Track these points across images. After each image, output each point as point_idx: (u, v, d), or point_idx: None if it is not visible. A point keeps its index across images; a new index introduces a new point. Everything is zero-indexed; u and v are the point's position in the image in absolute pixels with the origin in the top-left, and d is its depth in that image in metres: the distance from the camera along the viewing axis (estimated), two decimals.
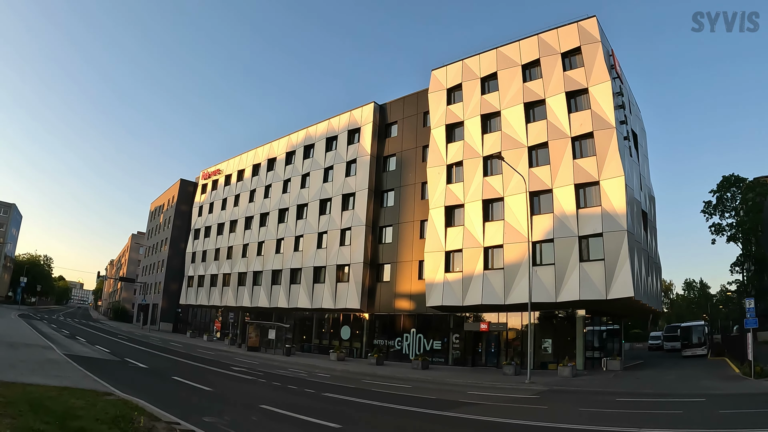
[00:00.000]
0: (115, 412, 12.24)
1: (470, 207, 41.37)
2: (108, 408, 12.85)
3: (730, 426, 15.82)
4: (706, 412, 19.15)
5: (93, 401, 13.68)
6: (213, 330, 71.89)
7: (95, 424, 10.78)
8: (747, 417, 17.69)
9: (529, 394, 25.31)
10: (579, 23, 39.36)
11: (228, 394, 20.91)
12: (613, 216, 34.54)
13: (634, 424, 15.92)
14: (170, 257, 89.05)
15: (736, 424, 15.99)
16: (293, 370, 33.89)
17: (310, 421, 15.16)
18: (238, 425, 13.72)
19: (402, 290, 47.03)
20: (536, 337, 38.91)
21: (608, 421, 16.98)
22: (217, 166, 79.46)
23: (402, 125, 51.91)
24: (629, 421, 16.59)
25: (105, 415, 11.77)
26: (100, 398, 14.46)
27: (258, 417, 15.64)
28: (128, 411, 12.64)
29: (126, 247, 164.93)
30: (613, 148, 35.64)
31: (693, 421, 16.97)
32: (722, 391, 25.41)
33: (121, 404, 13.70)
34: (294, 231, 58.75)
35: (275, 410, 16.78)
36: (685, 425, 15.86)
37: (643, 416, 18.14)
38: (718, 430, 15.36)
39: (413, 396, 23.15)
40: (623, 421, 16.80)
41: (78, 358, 27.51)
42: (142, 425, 11.25)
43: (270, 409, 16.93)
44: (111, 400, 14.47)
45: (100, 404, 13.34)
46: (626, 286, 33.16)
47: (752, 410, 19.22)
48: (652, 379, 32.40)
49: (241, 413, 16.24)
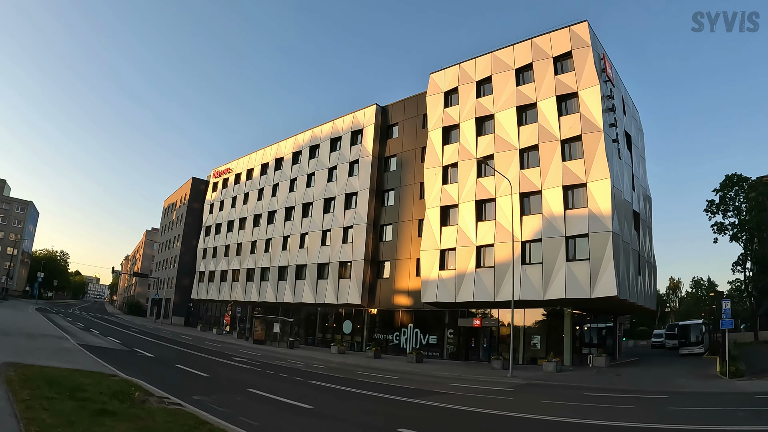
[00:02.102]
0: (117, 388, 14.88)
1: (464, 207, 43.42)
2: (111, 385, 15.51)
3: (668, 421, 16.95)
4: (656, 408, 20.44)
5: (99, 380, 16.34)
6: (223, 324, 74.97)
7: (98, 395, 13.34)
8: (692, 413, 18.96)
9: (504, 387, 26.85)
10: (571, 28, 40.80)
11: (222, 379, 23.55)
12: (598, 217, 36.18)
13: (581, 415, 17.54)
14: (182, 253, 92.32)
15: (675, 420, 17.24)
16: (292, 362, 36.33)
17: (286, 402, 17.58)
18: (221, 402, 16.12)
19: (401, 287, 49.36)
20: (526, 333, 41.08)
21: (559, 412, 18.56)
22: (228, 165, 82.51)
23: (403, 127, 54.11)
24: (578, 413, 18.08)
25: (107, 390, 14.38)
26: (105, 378, 17.15)
27: (242, 398, 18.06)
28: (127, 387, 15.28)
29: (140, 243, 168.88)
30: (600, 151, 37.16)
31: (637, 415, 18.27)
32: (689, 390, 26.65)
33: (122, 383, 16.38)
34: (300, 229, 61.37)
35: (259, 393, 19.28)
36: (627, 418, 17.18)
37: (596, 409, 19.58)
38: (653, 424, 16.43)
39: (394, 386, 25.18)
40: (573, 412, 18.28)
41: (90, 347, 30.38)
42: (137, 397, 13.85)
43: (255, 392, 19.43)
44: (114, 379, 17.18)
45: (105, 382, 16.00)
46: (610, 286, 34.72)
47: (701, 408, 20.42)
48: (631, 376, 33.47)
49: (228, 394, 18.73)
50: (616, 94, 43.42)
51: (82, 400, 12.38)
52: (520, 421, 16.98)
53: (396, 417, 16.52)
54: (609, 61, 42.18)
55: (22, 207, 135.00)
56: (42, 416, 10.10)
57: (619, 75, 46.61)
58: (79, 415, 10.74)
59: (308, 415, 15.79)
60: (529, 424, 16.44)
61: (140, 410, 12.33)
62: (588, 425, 15.83)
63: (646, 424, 16.01)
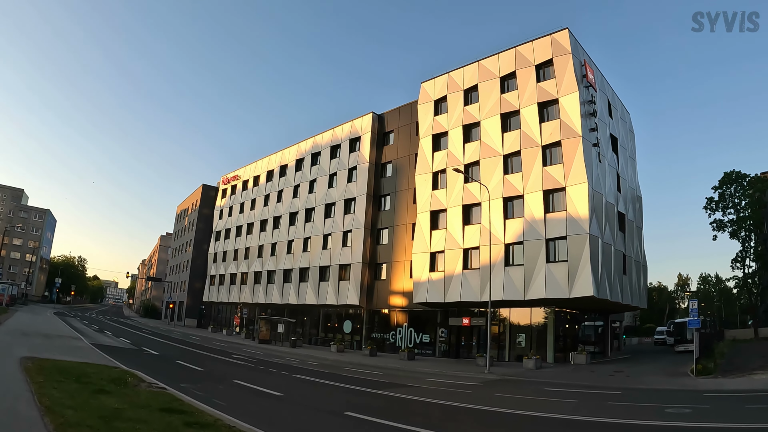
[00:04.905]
0: (115, 376, 18.44)
1: (452, 212, 46.37)
2: (111, 373, 19.07)
3: (601, 415, 17.79)
4: (596, 402, 21.43)
5: (102, 370, 19.90)
6: (233, 325, 78.89)
7: (99, 380, 16.82)
8: (626, 408, 19.70)
9: (475, 382, 28.97)
10: (552, 36, 42.95)
11: (214, 373, 26.95)
12: (576, 220, 38.56)
13: (518, 407, 19.10)
14: (194, 258, 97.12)
15: (597, 414, 18.20)
16: (288, 359, 39.58)
17: (262, 390, 20.71)
18: (203, 389, 19.32)
19: (396, 288, 52.52)
20: (512, 331, 43.94)
21: (501, 403, 20.10)
22: (236, 172, 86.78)
23: (398, 134, 57.31)
24: (517, 405, 19.62)
25: (107, 377, 17.91)
26: (108, 369, 20.73)
27: (224, 387, 21.36)
28: (124, 375, 18.83)
29: (155, 248, 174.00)
30: (578, 156, 39.49)
31: (573, 408, 19.56)
32: (647, 387, 27.59)
33: (121, 372, 19.96)
34: (303, 233, 65.04)
35: (242, 383, 22.50)
36: (556, 411, 18.55)
37: (538, 402, 21.22)
38: (571, 416, 17.58)
39: (372, 380, 27.84)
40: (513, 404, 19.85)
41: (101, 346, 34.01)
42: (130, 382, 17.41)
43: (238, 383, 22.65)
44: (115, 370, 20.79)
45: (107, 372, 19.56)
46: (587, 286, 37.00)
47: (636, 404, 21.14)
48: (604, 373, 34.50)
49: (213, 384, 22.03)
50: (601, 98, 45.70)
51: (85, 383, 15.84)
52: (457, 409, 19.14)
53: (352, 404, 19.03)
54: (591, 67, 44.28)
55: (39, 215, 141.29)
56: (52, 392, 13.58)
57: (605, 79, 48.89)
58: (81, 392, 14.21)
59: (275, 400, 18.88)
60: (460, 412, 18.62)
61: (130, 391, 15.84)
62: (511, 414, 17.79)
63: (564, 416, 17.52)
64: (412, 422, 14.93)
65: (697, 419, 16.84)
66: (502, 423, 16.66)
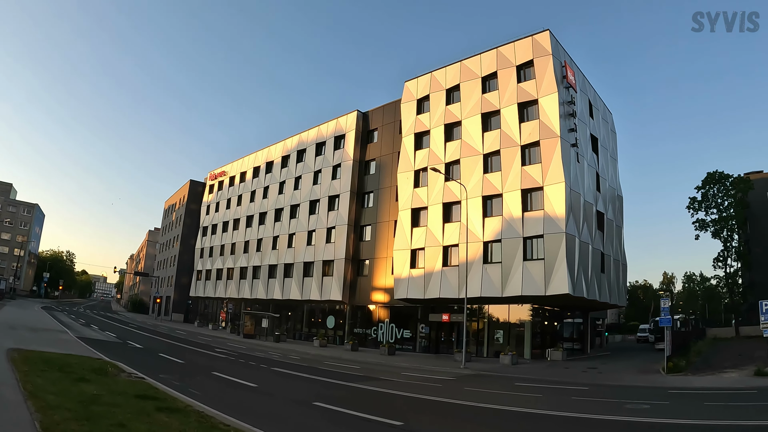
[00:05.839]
0: (97, 366, 19.70)
1: (432, 209, 47.52)
2: (93, 364, 20.32)
3: (559, 409, 18.39)
4: (560, 398, 22.11)
5: (84, 361, 21.15)
6: (219, 320, 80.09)
7: (81, 370, 18.05)
8: (587, 403, 20.40)
9: (448, 377, 29.90)
10: (533, 37, 43.92)
11: (194, 365, 28.24)
12: (553, 219, 39.59)
13: (483, 400, 20.09)
14: (181, 253, 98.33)
15: (566, 408, 18.66)
16: (270, 353, 40.80)
17: (237, 381, 21.91)
18: (181, 380, 20.61)
19: (378, 284, 53.77)
20: (490, 328, 45.28)
21: (469, 397, 20.99)
22: (223, 168, 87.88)
23: (382, 132, 58.47)
24: (482, 399, 20.63)
25: (89, 367, 19.15)
26: (90, 360, 22.00)
27: (202, 378, 22.65)
28: (105, 366, 20.09)
29: (143, 243, 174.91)
30: (556, 156, 40.46)
31: (535, 402, 20.27)
32: (616, 383, 28.27)
33: (103, 363, 21.24)
34: (288, 229, 66.21)
35: (220, 375, 23.76)
36: (523, 405, 19.25)
37: (504, 396, 22.09)
38: (532, 409, 18.34)
39: (347, 373, 28.91)
40: (478, 398, 20.84)
41: (86, 339, 35.39)
42: (110, 372, 18.68)
43: (216, 374, 23.92)
44: (98, 360, 22.07)
45: (89, 362, 20.81)
46: (562, 284, 38.03)
47: (599, 399, 21.80)
48: (577, 369, 35.22)
49: (191, 375, 23.36)
50: (581, 98, 46.86)
51: (67, 372, 17.09)
52: (423, 401, 20.11)
53: (322, 395, 19.94)
54: (572, 68, 45.38)
55: (28, 210, 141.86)
56: (35, 380, 14.82)
57: (587, 80, 50.13)
58: (63, 380, 15.46)
59: (248, 391, 20.05)
60: (425, 404, 19.61)
61: (109, 380, 17.10)
62: (472, 406, 18.87)
63: (524, 409, 18.32)
64: (376, 413, 16.02)
65: (650, 415, 17.44)
66: (461, 414, 17.67)
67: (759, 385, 25.07)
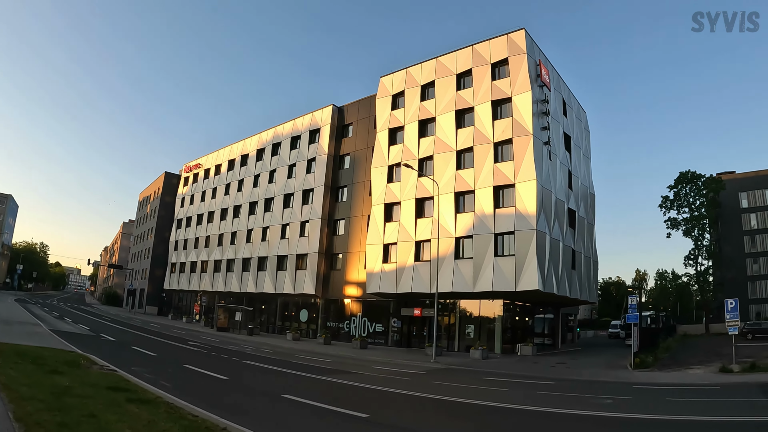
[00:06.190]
0: (69, 359, 20.23)
1: (405, 205, 48.19)
2: (66, 357, 20.84)
3: (522, 403, 19.08)
4: (525, 392, 22.70)
5: (57, 353, 21.64)
6: (193, 313, 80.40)
7: (54, 362, 18.54)
8: (551, 397, 20.79)
9: (418, 370, 30.33)
10: (509, 35, 44.50)
11: (166, 358, 28.74)
12: (524, 216, 40.34)
13: (452, 394, 20.43)
14: (155, 245, 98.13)
15: (529, 402, 19.34)
16: (243, 346, 41.27)
17: (209, 374, 22.46)
18: (153, 372, 21.05)
19: (351, 278, 54.41)
20: (461, 322, 46.17)
21: (436, 390, 21.56)
22: (198, 161, 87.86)
23: (356, 127, 59.01)
24: (450, 392, 21.01)
25: (62, 359, 19.66)
26: (63, 353, 22.50)
27: (174, 370, 23.20)
28: (78, 358, 20.63)
29: (118, 235, 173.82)
30: (528, 154, 41.23)
31: (500, 396, 20.84)
32: (584, 378, 29.01)
33: (76, 355, 21.76)
34: (262, 222, 66.67)
35: (192, 368, 24.32)
36: (487, 398, 19.68)
37: (471, 390, 22.07)
38: (501, 403, 18.82)
39: (318, 366, 29.42)
40: (446, 391, 21.32)
41: (60, 332, 35.69)
42: (83, 364, 19.19)
43: (188, 367, 24.46)
44: (71, 353, 22.56)
45: (62, 355, 21.32)
46: (532, 280, 38.86)
47: (568, 394, 22.14)
48: (545, 364, 35.67)
49: (164, 368, 23.80)
50: (555, 97, 47.69)
51: (41, 365, 17.59)
52: (390, 394, 20.41)
53: (292, 388, 20.39)
54: (546, 67, 46.09)
55: (1, 200, 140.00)
56: (8, 372, 15.31)
57: (562, 78, 50.98)
58: (36, 372, 15.97)
59: (219, 383, 20.60)
60: (391, 397, 19.90)
61: (82, 372, 17.63)
62: (437, 399, 19.43)
63: (487, 402, 18.78)
64: (342, 405, 16.57)
65: (611, 409, 18.13)
66: (426, 407, 18.33)
67: (722, 382, 25.68)
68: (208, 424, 11.73)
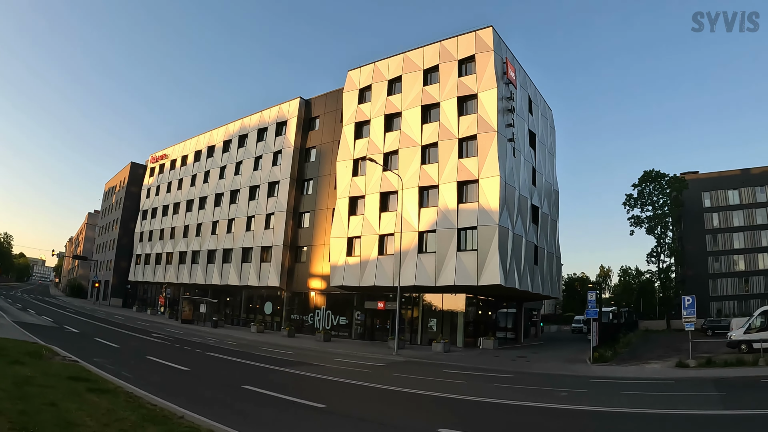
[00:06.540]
0: (32, 350, 20.63)
1: (370, 198, 48.79)
2: (28, 348, 21.22)
3: (479, 395, 19.35)
4: (482, 384, 23.13)
5: (19, 344, 22.01)
6: (158, 305, 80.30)
7: (16, 353, 18.95)
8: (508, 390, 21.20)
9: (381, 363, 31.00)
10: (476, 32, 45.09)
11: (129, 349, 29.21)
12: (487, 211, 41.13)
13: (410, 386, 20.77)
14: (120, 236, 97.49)
15: (486, 394, 19.53)
16: (207, 338, 41.73)
17: (170, 365, 23.00)
18: (115, 363, 21.57)
19: (315, 271, 55.02)
20: (424, 316, 46.99)
21: (396, 382, 21.87)
22: (164, 151, 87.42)
23: (323, 120, 59.44)
24: (409, 384, 21.31)
25: (24, 350, 20.08)
26: (25, 344, 22.88)
27: (136, 362, 23.69)
28: (40, 349, 21.03)
29: (83, 225, 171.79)
30: (492, 150, 41.94)
31: (457, 388, 21.33)
32: (543, 372, 29.35)
33: (38, 346, 22.14)
34: (227, 214, 66.88)
35: (154, 359, 24.84)
36: (444, 390, 20.30)
37: (432, 382, 22.63)
38: (457, 395, 19.24)
39: (280, 359, 29.99)
40: (405, 383, 21.63)
41: (23, 324, 35.97)
42: (45, 355, 19.60)
43: (150, 359, 24.99)
44: (33, 344, 22.94)
45: (24, 346, 21.70)
46: (494, 275, 39.66)
47: (525, 386, 22.60)
48: (506, 358, 36.22)
49: (126, 359, 24.30)
50: (522, 94, 48.65)
51: (3, 356, 18.00)
52: (349, 386, 21.00)
53: (252, 379, 20.89)
54: (513, 64, 46.90)
55: None
56: None
57: (528, 76, 52.01)
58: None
59: (180, 374, 21.17)
60: (350, 388, 20.51)
61: (44, 363, 18.08)
62: (395, 391, 19.93)
63: (443, 394, 19.38)
64: (301, 396, 17.17)
65: (565, 402, 18.67)
66: (382, 398, 18.98)
67: (678, 376, 26.36)
68: (166, 413, 12.32)
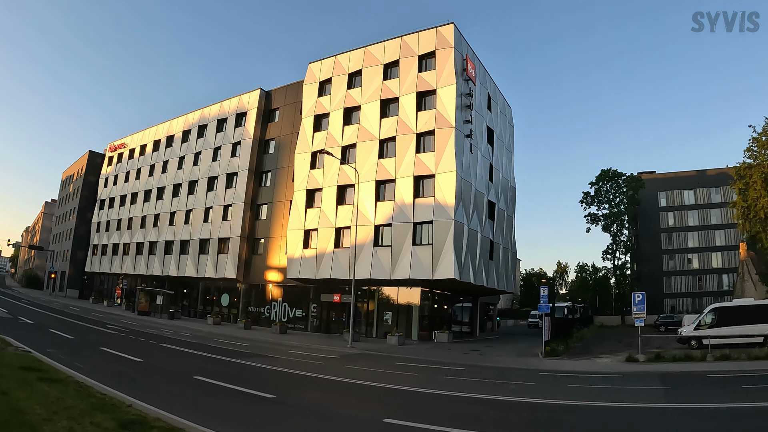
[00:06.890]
0: None
1: (327, 191, 48.82)
2: None
3: (428, 387, 19.69)
4: (433, 376, 23.46)
5: None
6: (114, 296, 79.35)
7: None
8: (457, 382, 21.75)
9: (334, 355, 31.28)
10: (438, 29, 45.39)
11: (83, 341, 29.00)
12: (443, 206, 41.48)
13: (362, 378, 21.26)
14: (77, 226, 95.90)
15: (435, 386, 19.87)
16: (163, 330, 41.66)
17: (124, 356, 22.91)
18: (69, 354, 21.33)
19: (272, 263, 54.95)
20: (380, 309, 47.28)
21: (347, 374, 22.32)
22: (123, 140, 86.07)
23: (283, 112, 59.28)
24: (361, 376, 21.81)
25: None
26: None
27: (89, 353, 23.53)
28: None
29: (40, 215, 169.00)
30: (450, 146, 42.32)
31: (407, 380, 21.76)
32: (494, 365, 29.74)
33: None
34: (185, 205, 66.38)
35: (108, 350, 24.72)
36: (394, 382, 20.82)
37: (384, 374, 23.27)
38: (406, 386, 19.69)
39: (234, 351, 30.16)
40: (355, 375, 22.13)
41: None
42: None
43: (104, 350, 24.86)
44: None
45: None
46: (449, 269, 40.11)
47: (475, 379, 23.15)
48: (459, 351, 36.74)
49: (80, 350, 24.10)
50: (481, 91, 49.10)
51: None
52: (301, 377, 21.39)
53: (205, 370, 21.03)
54: (473, 62, 47.38)
55: None
56: None
57: (488, 74, 52.62)
58: None
59: (132, 364, 21.15)
60: (302, 379, 20.93)
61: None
62: (346, 382, 20.44)
63: (393, 386, 19.88)
64: (252, 386, 17.37)
65: (511, 394, 19.17)
66: (332, 389, 19.28)
67: (626, 371, 26.94)
68: (115, 401, 12.41)
